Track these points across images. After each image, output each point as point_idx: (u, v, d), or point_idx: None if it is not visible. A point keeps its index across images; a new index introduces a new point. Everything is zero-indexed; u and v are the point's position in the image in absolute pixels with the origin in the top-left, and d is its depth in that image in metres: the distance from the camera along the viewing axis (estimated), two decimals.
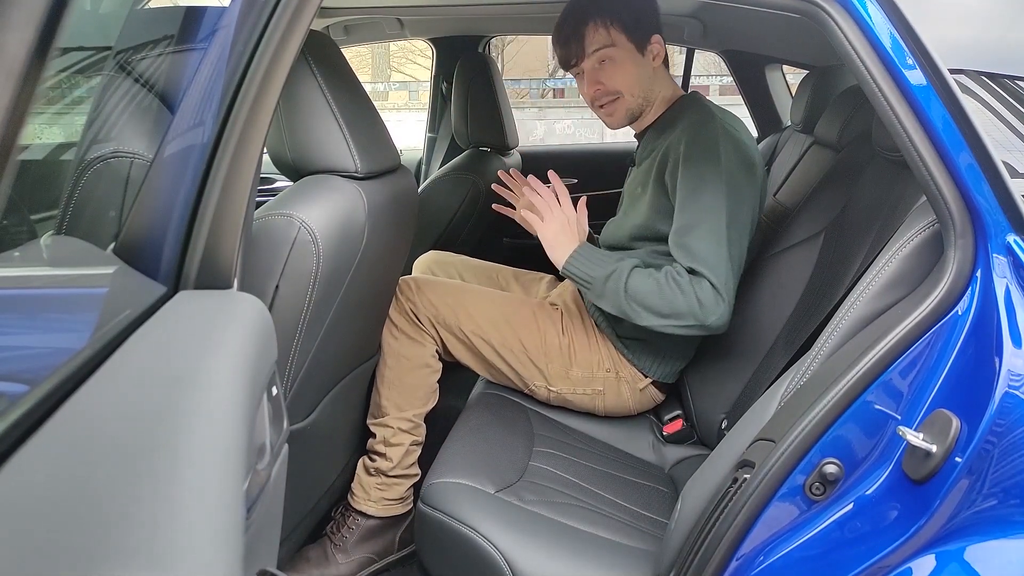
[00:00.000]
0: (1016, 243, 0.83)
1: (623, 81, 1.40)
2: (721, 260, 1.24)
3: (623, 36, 1.37)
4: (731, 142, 1.30)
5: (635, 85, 1.41)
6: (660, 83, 1.44)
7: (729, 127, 1.33)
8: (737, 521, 0.87)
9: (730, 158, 1.28)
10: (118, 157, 0.80)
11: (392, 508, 1.42)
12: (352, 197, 1.06)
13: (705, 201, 1.26)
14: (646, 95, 1.43)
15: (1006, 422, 0.75)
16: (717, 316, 1.24)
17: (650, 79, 1.42)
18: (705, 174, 1.27)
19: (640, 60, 1.40)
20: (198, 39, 0.83)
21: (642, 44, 1.39)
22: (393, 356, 1.43)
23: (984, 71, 0.94)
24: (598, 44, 1.37)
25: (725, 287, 1.24)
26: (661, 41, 1.40)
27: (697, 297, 1.23)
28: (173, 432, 0.46)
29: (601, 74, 1.40)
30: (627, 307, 1.27)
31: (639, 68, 1.40)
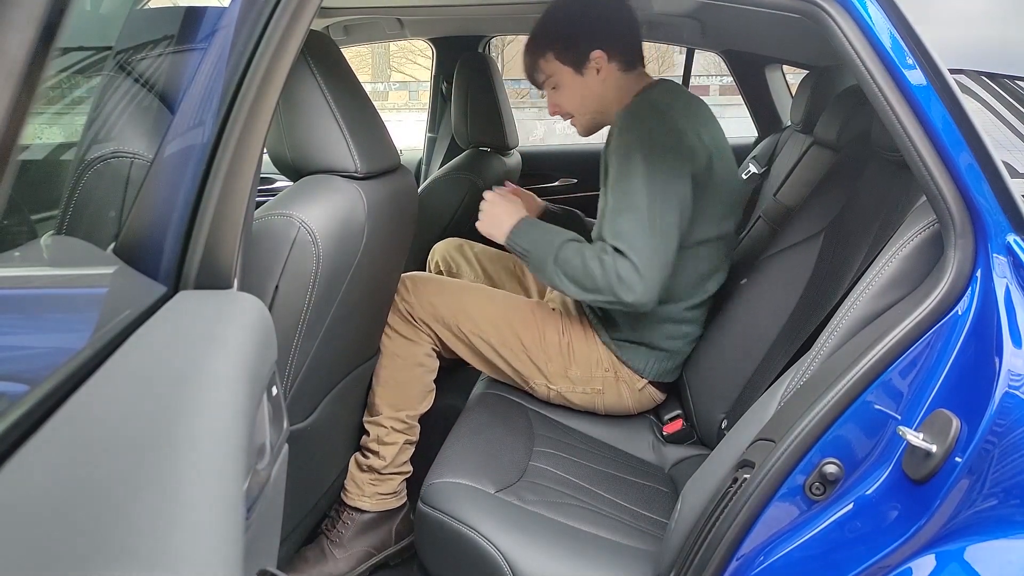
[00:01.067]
0: (1016, 243, 0.83)
1: (570, 103, 1.48)
2: (642, 238, 1.26)
3: (558, 63, 1.43)
4: (658, 123, 1.32)
5: (582, 104, 1.47)
6: (614, 91, 1.45)
7: (659, 109, 1.35)
8: (737, 521, 0.87)
9: (655, 140, 1.30)
10: (118, 157, 0.80)
11: (386, 502, 1.43)
12: (352, 197, 1.06)
13: (627, 183, 1.29)
14: (598, 108, 1.47)
15: (1006, 422, 0.75)
16: (636, 294, 1.26)
17: (597, 94, 1.45)
18: (630, 157, 1.30)
19: (581, 81, 1.44)
20: (198, 39, 0.83)
21: (580, 65, 1.42)
22: (388, 355, 1.44)
23: (984, 71, 0.94)
24: (543, 76, 1.46)
25: (646, 265, 1.25)
26: (603, 55, 1.41)
27: (617, 273, 1.26)
28: (173, 432, 0.46)
29: (554, 97, 1.49)
30: (556, 278, 1.32)
31: (582, 88, 1.44)
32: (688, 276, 1.43)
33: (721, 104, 8.57)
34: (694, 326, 1.49)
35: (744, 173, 2.27)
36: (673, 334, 1.46)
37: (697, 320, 1.49)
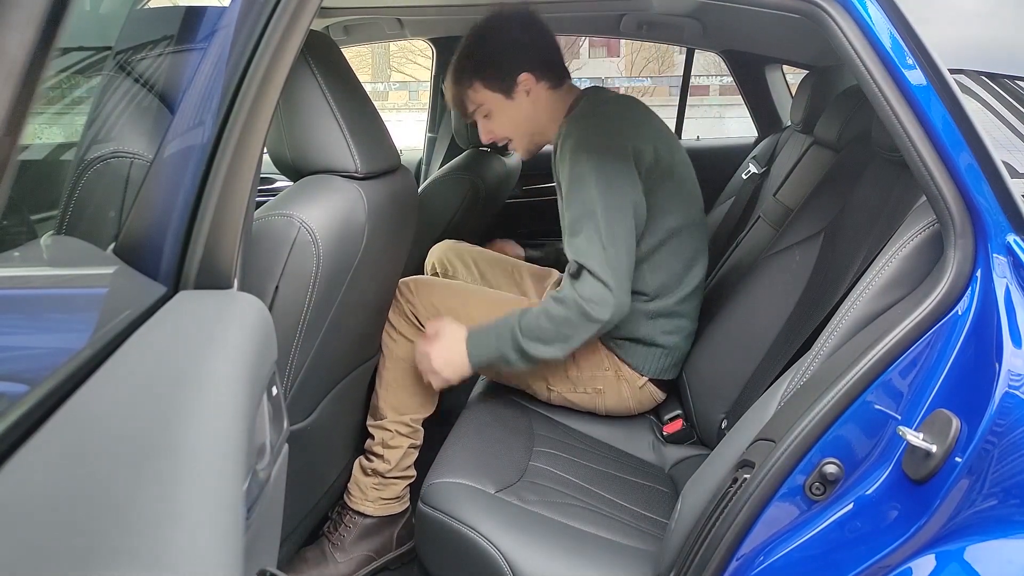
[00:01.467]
0: (1016, 243, 0.83)
1: (504, 129, 1.48)
2: (597, 250, 1.26)
3: (486, 91, 1.44)
4: (596, 134, 1.33)
5: (516, 127, 1.48)
6: (546, 110, 1.46)
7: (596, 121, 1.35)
8: (737, 521, 0.87)
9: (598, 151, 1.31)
10: (118, 157, 0.80)
11: (389, 507, 1.42)
12: (352, 197, 1.06)
13: (578, 198, 1.30)
14: (532, 128, 1.48)
15: (1006, 422, 0.75)
16: (609, 310, 1.26)
17: (531, 115, 1.46)
18: (577, 172, 1.31)
19: (512, 105, 1.44)
20: (198, 39, 0.83)
21: (507, 89, 1.43)
22: (392, 359, 1.43)
23: (984, 71, 0.94)
24: (470, 106, 1.47)
25: (611, 275, 1.26)
26: (530, 77, 1.42)
27: (579, 297, 1.26)
28: (173, 432, 0.46)
29: (487, 126, 1.49)
30: (538, 351, 1.29)
31: (514, 112, 1.45)
32: (670, 268, 1.44)
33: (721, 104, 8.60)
34: (687, 320, 1.50)
35: (744, 173, 2.27)
36: (668, 329, 1.46)
37: (690, 314, 1.50)
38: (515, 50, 1.42)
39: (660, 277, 1.43)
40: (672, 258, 1.44)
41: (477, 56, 1.43)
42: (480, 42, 1.44)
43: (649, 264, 1.42)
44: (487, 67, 1.42)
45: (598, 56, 14.98)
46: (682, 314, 1.48)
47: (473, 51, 1.44)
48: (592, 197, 1.28)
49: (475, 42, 1.44)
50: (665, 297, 1.45)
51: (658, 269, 1.43)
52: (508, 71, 1.41)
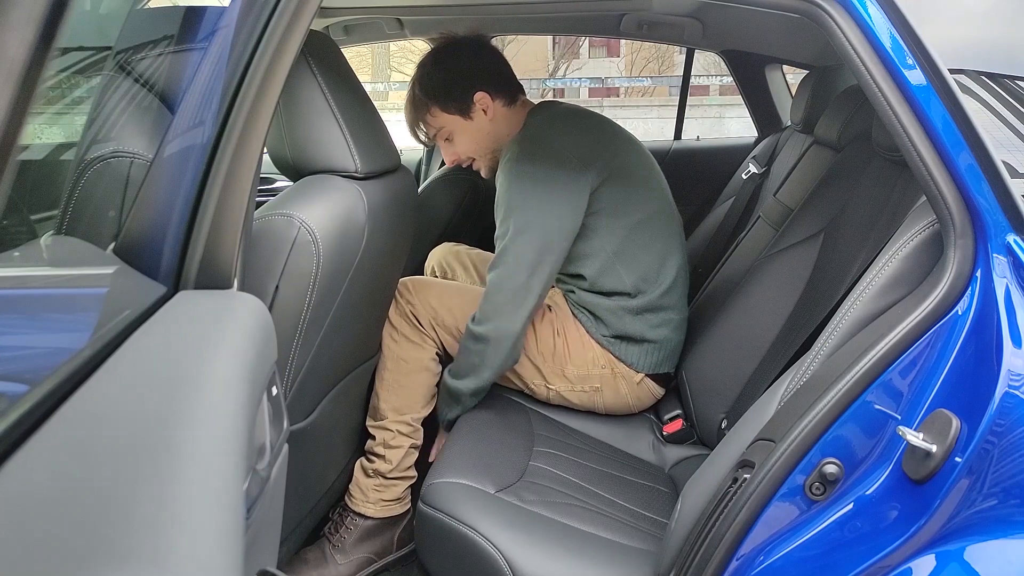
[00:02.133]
0: (1016, 243, 0.83)
1: (466, 148, 1.52)
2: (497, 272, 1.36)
3: (444, 115, 1.48)
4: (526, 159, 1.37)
5: (477, 146, 1.52)
6: (504, 126, 1.50)
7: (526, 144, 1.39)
8: (737, 521, 0.87)
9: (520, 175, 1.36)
10: (118, 157, 0.80)
11: (390, 509, 1.42)
12: (352, 197, 1.06)
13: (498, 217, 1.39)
14: (493, 145, 1.52)
15: (1006, 422, 0.75)
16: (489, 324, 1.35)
17: (490, 133, 1.50)
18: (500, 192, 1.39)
19: (471, 125, 1.49)
20: (198, 39, 0.82)
21: (465, 110, 1.47)
22: (392, 359, 1.44)
23: (984, 71, 0.94)
24: (431, 130, 1.51)
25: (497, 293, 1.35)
26: (485, 95, 1.46)
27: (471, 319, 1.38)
28: (173, 432, 0.46)
29: (449, 148, 1.54)
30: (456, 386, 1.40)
31: (474, 131, 1.49)
32: (644, 262, 1.46)
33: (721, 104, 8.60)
34: (674, 311, 1.51)
35: (744, 173, 2.27)
36: (656, 323, 1.48)
37: (675, 305, 1.51)
38: (468, 72, 1.46)
39: (636, 272, 1.45)
40: (642, 252, 1.45)
41: (432, 82, 1.47)
42: (434, 68, 1.48)
43: (622, 263, 1.44)
44: (442, 91, 1.46)
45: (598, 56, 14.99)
46: (667, 306, 1.49)
47: (428, 78, 1.48)
48: (505, 222, 1.36)
49: (429, 69, 1.48)
50: (647, 292, 1.46)
51: (631, 265, 1.45)
52: (463, 92, 1.46)
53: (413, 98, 1.50)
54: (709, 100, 9.04)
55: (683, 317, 1.54)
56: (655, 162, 1.56)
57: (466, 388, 1.39)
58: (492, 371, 1.38)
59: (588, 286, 1.46)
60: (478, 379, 1.38)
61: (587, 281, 1.45)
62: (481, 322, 1.36)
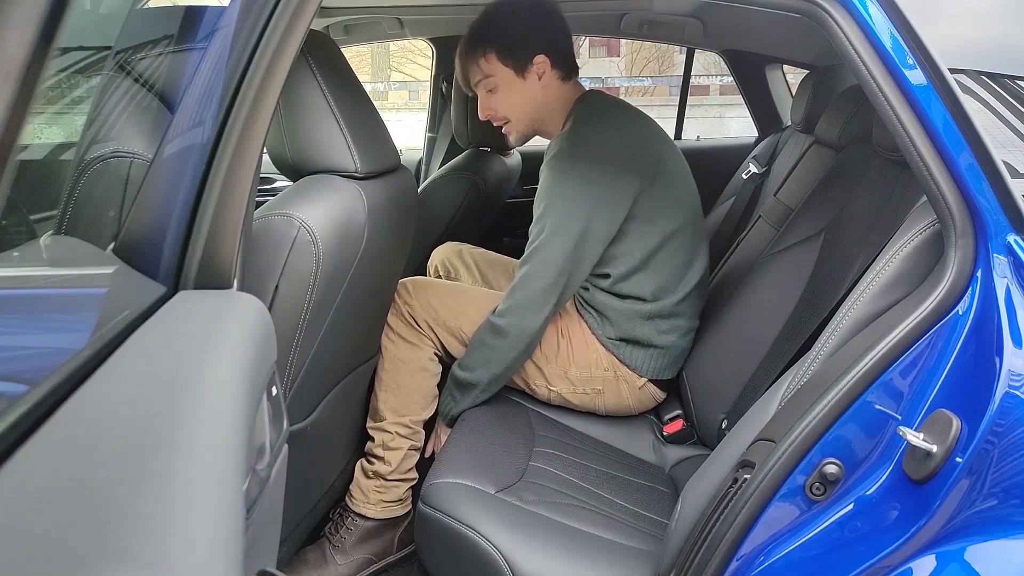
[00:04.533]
0: (1016, 243, 0.83)
1: (507, 107, 1.46)
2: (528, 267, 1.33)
3: (499, 64, 1.41)
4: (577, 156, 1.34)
5: (519, 109, 1.46)
6: (553, 99, 1.46)
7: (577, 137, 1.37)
8: (737, 521, 0.87)
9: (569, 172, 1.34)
10: (118, 157, 0.80)
11: (391, 510, 1.42)
12: (352, 197, 1.05)
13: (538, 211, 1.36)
14: (535, 115, 1.47)
15: (1006, 422, 0.75)
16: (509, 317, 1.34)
17: (537, 100, 1.45)
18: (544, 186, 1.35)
19: (522, 84, 1.43)
20: (198, 39, 0.82)
21: (522, 67, 1.41)
22: (390, 360, 1.43)
23: (984, 71, 0.94)
24: (479, 75, 1.44)
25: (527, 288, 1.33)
26: (546, 60, 1.40)
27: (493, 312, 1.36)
28: (173, 432, 0.46)
29: (488, 101, 1.47)
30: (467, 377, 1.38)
31: (522, 93, 1.43)
32: (667, 273, 1.45)
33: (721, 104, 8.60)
34: (685, 319, 1.49)
35: (744, 173, 2.27)
36: (665, 328, 1.46)
37: (687, 312, 1.50)
38: (537, 30, 1.40)
39: (657, 281, 1.43)
40: (668, 263, 1.44)
41: (498, 27, 1.41)
42: (504, 13, 1.41)
43: (646, 269, 1.42)
44: (506, 39, 1.40)
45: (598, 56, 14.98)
46: (679, 314, 1.48)
47: (496, 20, 1.41)
48: (545, 218, 1.33)
49: (499, 12, 1.42)
50: (662, 299, 1.45)
51: (654, 275, 1.43)
52: (527, 49, 1.40)
53: (474, 35, 1.43)
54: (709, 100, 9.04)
55: (693, 325, 1.52)
56: (688, 169, 1.53)
57: (476, 380, 1.38)
58: (504, 366, 1.36)
59: (607, 286, 1.44)
60: (488, 372, 1.37)
61: (608, 281, 1.43)
62: (503, 315, 1.34)
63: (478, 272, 1.82)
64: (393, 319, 1.44)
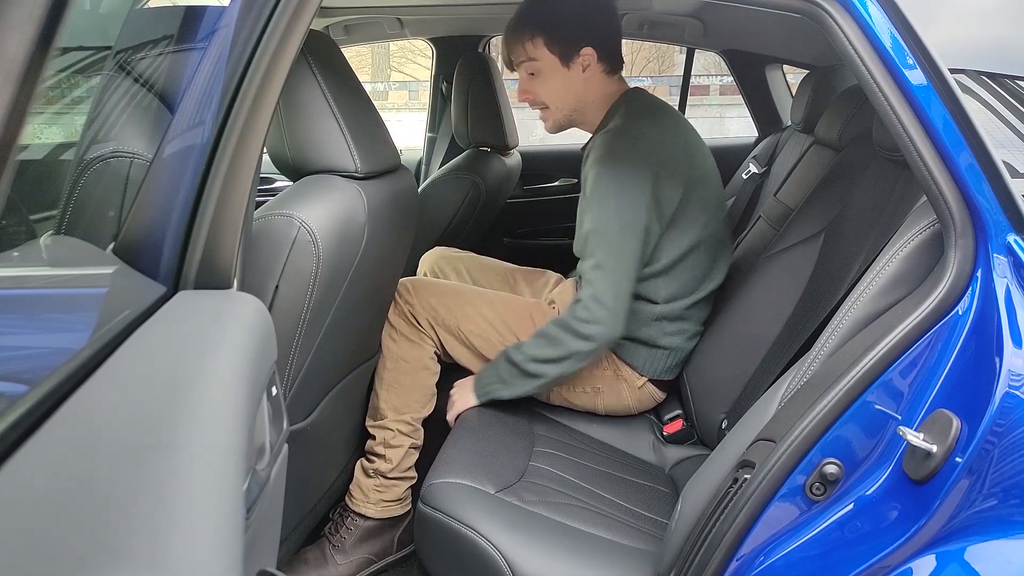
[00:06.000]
0: (1016, 243, 0.83)
1: (547, 94, 1.44)
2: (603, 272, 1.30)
3: (545, 50, 1.40)
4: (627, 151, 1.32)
5: (560, 98, 1.44)
6: (594, 92, 1.44)
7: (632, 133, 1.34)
8: (737, 521, 0.87)
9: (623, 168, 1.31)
10: (118, 157, 0.80)
11: (391, 509, 1.42)
12: (352, 197, 1.05)
13: (597, 212, 1.31)
14: (575, 106, 1.45)
15: (1006, 422, 0.75)
16: (606, 325, 1.30)
17: (578, 91, 1.43)
18: (600, 187, 1.31)
19: (565, 74, 1.41)
20: (198, 39, 0.82)
21: (567, 56, 1.40)
22: (392, 358, 1.43)
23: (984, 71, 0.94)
24: (523, 57, 1.42)
25: (611, 298, 1.29)
26: (593, 53, 1.40)
27: (575, 315, 1.30)
28: (173, 432, 0.46)
29: (529, 84, 1.45)
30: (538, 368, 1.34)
31: (564, 81, 1.42)
32: (685, 281, 1.44)
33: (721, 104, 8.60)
34: (693, 323, 1.49)
35: (744, 173, 2.27)
36: (671, 331, 1.46)
37: (695, 317, 1.49)
38: (587, 21, 1.40)
39: (673, 287, 1.43)
40: (689, 271, 1.43)
41: (549, 12, 1.40)
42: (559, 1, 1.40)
43: (665, 276, 1.41)
44: (556, 26, 1.38)
45: None
46: (688, 318, 1.48)
47: (549, 5, 1.40)
48: (609, 217, 1.29)
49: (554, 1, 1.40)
50: (674, 303, 1.44)
51: (673, 280, 1.42)
52: (575, 39, 1.39)
53: (524, 16, 1.42)
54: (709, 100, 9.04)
55: (699, 329, 1.51)
56: (720, 181, 1.52)
57: (543, 373, 1.34)
58: (575, 368, 1.34)
59: None
60: (559, 370, 1.34)
61: None
62: (591, 323, 1.30)
63: (469, 277, 1.81)
64: (394, 317, 1.44)
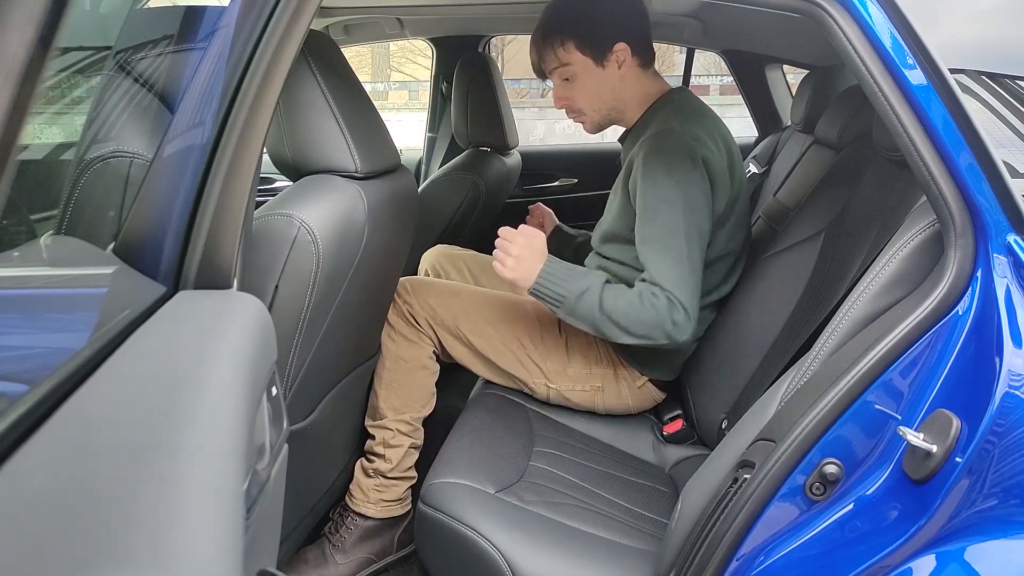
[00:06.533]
0: (1016, 243, 0.83)
1: (583, 98, 1.41)
2: (685, 278, 1.24)
3: (578, 53, 1.36)
4: (688, 155, 1.28)
5: (596, 100, 1.41)
6: (632, 88, 1.41)
7: (690, 137, 1.30)
8: (737, 521, 0.87)
9: (687, 172, 1.27)
10: (118, 157, 0.80)
11: (391, 509, 1.42)
12: (352, 197, 1.06)
13: (663, 217, 1.26)
14: (613, 105, 1.42)
15: (1006, 422, 0.75)
16: (688, 334, 1.25)
17: (616, 89, 1.40)
18: (662, 189, 1.26)
19: (600, 74, 1.38)
20: (198, 39, 0.83)
21: (601, 56, 1.36)
22: (391, 358, 1.44)
23: (984, 71, 0.94)
24: (555, 64, 1.39)
25: (691, 306, 1.24)
26: (626, 48, 1.36)
27: (672, 319, 1.23)
28: (173, 432, 0.46)
29: (564, 90, 1.42)
30: (602, 325, 1.26)
31: (600, 82, 1.39)
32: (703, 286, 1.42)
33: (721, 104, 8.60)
34: (699, 325, 1.48)
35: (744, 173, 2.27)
36: None
37: (702, 320, 1.48)
38: (616, 17, 1.36)
39: None
40: (708, 281, 1.41)
41: (576, 14, 1.35)
42: (584, 2, 1.36)
43: None
44: (585, 27, 1.34)
45: None
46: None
47: (573, 8, 1.36)
48: (677, 223, 1.25)
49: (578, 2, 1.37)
50: None
51: None
52: (606, 36, 1.35)
53: (550, 22, 1.38)
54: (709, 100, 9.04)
55: (702, 330, 1.50)
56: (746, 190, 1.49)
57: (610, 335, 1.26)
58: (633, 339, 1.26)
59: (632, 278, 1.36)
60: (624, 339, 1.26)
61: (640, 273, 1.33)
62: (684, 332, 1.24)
63: (470, 275, 1.81)
64: (394, 317, 1.44)
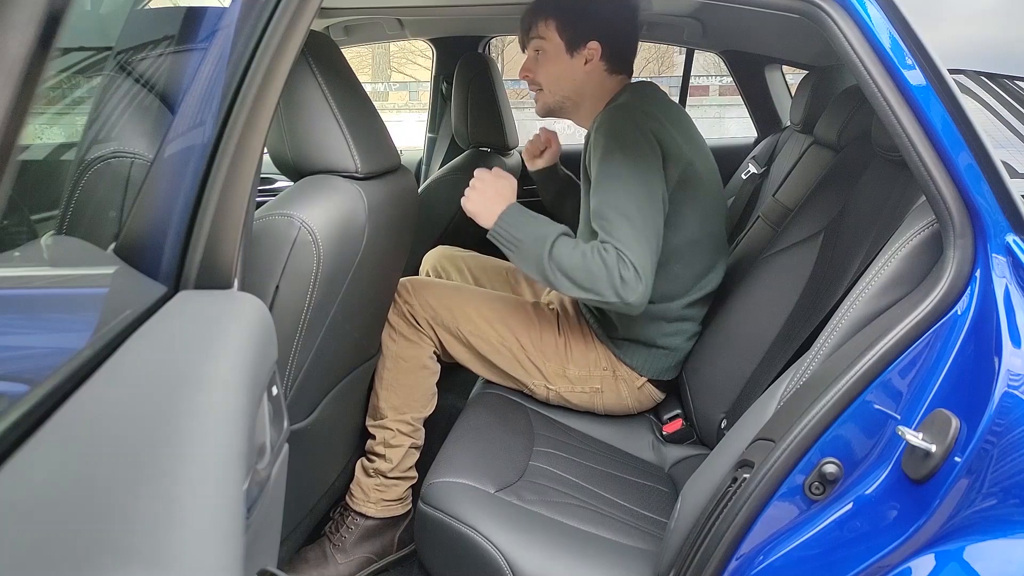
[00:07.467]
0: (1015, 243, 0.83)
1: (545, 76, 1.46)
2: (637, 238, 1.24)
3: (555, 33, 1.42)
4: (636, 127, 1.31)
5: (556, 83, 1.46)
6: (593, 86, 1.46)
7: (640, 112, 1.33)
8: (737, 521, 0.87)
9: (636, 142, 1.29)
10: (118, 157, 0.80)
11: (391, 509, 1.42)
12: (352, 197, 1.06)
13: (615, 183, 1.27)
14: (569, 95, 1.47)
15: (1005, 422, 0.75)
16: (637, 296, 1.23)
17: (576, 81, 1.45)
18: (611, 163, 1.29)
19: (567, 61, 1.43)
20: (198, 39, 0.83)
21: (573, 46, 1.42)
22: (391, 358, 1.44)
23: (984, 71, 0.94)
24: (534, 34, 1.45)
25: (643, 267, 1.24)
26: (599, 49, 1.42)
27: (620, 274, 1.22)
28: (173, 432, 0.46)
29: (532, 63, 1.48)
30: (550, 274, 1.26)
31: (564, 68, 1.44)
32: (684, 276, 1.43)
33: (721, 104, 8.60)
34: (692, 323, 1.49)
35: (744, 173, 2.27)
36: (670, 331, 1.46)
37: (694, 317, 1.49)
38: (602, 19, 1.42)
39: (667, 286, 1.42)
40: (683, 271, 1.43)
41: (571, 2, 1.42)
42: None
43: (661, 273, 1.38)
44: (569, 14, 1.41)
45: None
46: (686, 318, 1.48)
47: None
48: (629, 188, 1.27)
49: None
50: (673, 301, 1.44)
51: (666, 280, 1.41)
52: (585, 30, 1.41)
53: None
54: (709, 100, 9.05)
55: (697, 329, 1.51)
56: (721, 183, 1.51)
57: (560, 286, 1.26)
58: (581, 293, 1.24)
59: None
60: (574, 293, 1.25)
61: None
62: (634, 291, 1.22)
63: (471, 276, 1.81)
64: (394, 317, 1.45)
